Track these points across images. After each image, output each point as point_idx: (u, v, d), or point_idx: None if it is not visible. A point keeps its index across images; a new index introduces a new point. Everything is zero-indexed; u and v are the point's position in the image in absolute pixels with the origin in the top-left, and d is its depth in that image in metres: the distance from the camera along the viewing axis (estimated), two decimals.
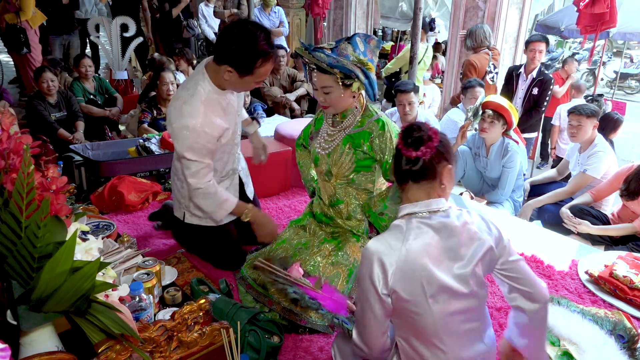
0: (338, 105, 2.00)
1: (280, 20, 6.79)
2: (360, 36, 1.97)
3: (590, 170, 3.09)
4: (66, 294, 0.97)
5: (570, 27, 7.74)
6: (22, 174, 0.99)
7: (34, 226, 0.97)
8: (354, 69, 1.89)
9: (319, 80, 1.95)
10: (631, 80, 10.25)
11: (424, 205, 1.31)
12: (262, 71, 1.94)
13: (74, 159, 3.30)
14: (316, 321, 1.93)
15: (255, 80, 1.98)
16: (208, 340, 1.30)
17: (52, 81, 4.09)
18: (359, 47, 1.94)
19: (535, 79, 4.14)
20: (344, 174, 2.10)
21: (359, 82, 1.92)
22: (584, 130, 3.14)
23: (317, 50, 1.89)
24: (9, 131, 1.17)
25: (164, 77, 4.03)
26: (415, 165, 1.29)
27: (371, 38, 1.99)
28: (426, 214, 1.31)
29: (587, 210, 3.00)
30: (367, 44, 1.97)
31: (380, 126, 2.01)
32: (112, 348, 1.10)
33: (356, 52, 1.91)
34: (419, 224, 1.30)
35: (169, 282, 1.94)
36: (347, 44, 1.92)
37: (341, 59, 1.88)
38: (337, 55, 1.89)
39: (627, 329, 1.88)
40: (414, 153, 1.27)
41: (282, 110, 5.27)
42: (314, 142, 2.20)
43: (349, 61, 1.88)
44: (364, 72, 1.91)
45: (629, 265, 2.27)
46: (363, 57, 1.92)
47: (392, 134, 2.01)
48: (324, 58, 1.87)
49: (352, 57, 1.89)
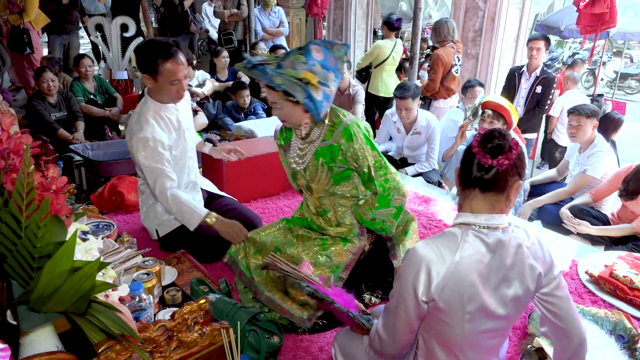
0: (292, 120, 1.94)
1: (280, 20, 6.78)
2: (319, 44, 1.82)
3: (590, 170, 3.09)
4: (66, 294, 0.97)
5: (570, 27, 7.75)
6: (22, 174, 0.99)
7: (34, 226, 0.97)
8: (292, 88, 1.75)
9: (268, 95, 1.89)
10: (631, 80, 10.25)
11: (485, 220, 1.24)
12: (167, 70, 2.13)
13: (74, 159, 3.30)
14: (295, 312, 1.93)
15: (169, 81, 2.15)
16: (208, 340, 1.30)
17: (52, 81, 4.10)
18: (314, 55, 1.78)
19: (539, 77, 4.17)
20: (324, 188, 2.05)
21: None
22: (583, 130, 3.14)
23: (256, 67, 1.78)
24: (9, 131, 1.17)
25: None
26: (488, 174, 1.21)
27: (334, 44, 1.84)
28: (484, 230, 1.24)
29: (586, 211, 3.00)
30: (329, 50, 1.82)
31: (347, 137, 1.91)
32: (112, 348, 1.10)
33: (309, 64, 1.76)
34: (475, 237, 1.23)
35: (169, 282, 1.94)
36: (297, 55, 1.78)
37: (281, 77, 1.74)
38: (280, 70, 1.75)
39: (627, 329, 1.88)
40: (490, 161, 1.19)
41: None
42: (287, 156, 2.13)
43: (288, 79, 1.74)
44: (304, 90, 1.75)
45: (629, 265, 2.27)
46: (320, 70, 1.77)
47: (363, 140, 1.92)
48: (261, 76, 1.77)
49: (298, 70, 1.74)
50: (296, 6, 8.28)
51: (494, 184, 1.22)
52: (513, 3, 4.88)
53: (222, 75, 5.65)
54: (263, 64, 1.79)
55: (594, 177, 3.09)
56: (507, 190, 1.23)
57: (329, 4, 6.54)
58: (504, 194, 1.23)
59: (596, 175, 3.08)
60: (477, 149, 1.22)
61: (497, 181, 1.21)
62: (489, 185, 1.22)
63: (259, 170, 2.69)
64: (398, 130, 3.91)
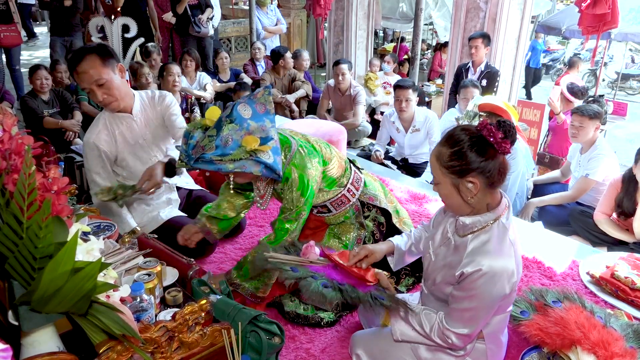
0: (257, 184, 1.97)
1: (277, 18, 6.83)
2: (242, 101, 1.77)
3: (592, 174, 3.08)
4: (67, 295, 0.97)
5: (571, 27, 7.74)
6: (24, 175, 0.99)
7: (36, 227, 0.97)
8: (245, 167, 1.70)
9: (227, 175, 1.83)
10: (632, 81, 10.23)
11: (502, 207, 1.44)
12: (77, 79, 2.20)
13: (75, 160, 3.30)
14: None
15: (79, 82, 2.20)
16: (209, 340, 1.30)
17: (46, 79, 4.23)
18: (243, 116, 1.72)
19: (483, 72, 4.54)
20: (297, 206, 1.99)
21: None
22: (585, 131, 3.13)
23: (197, 162, 1.71)
24: (10, 132, 1.17)
25: (170, 68, 4.07)
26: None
27: (254, 94, 1.81)
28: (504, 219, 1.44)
29: (588, 213, 3.00)
30: (253, 101, 1.78)
31: (286, 175, 1.90)
32: (113, 349, 1.10)
33: (244, 126, 1.70)
34: (503, 226, 1.42)
35: (170, 282, 1.94)
36: (228, 125, 1.69)
37: (228, 156, 1.68)
38: (223, 149, 1.67)
39: None
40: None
41: (282, 111, 5.28)
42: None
43: (238, 156, 1.68)
44: (255, 161, 1.71)
45: (630, 266, 2.26)
46: (256, 125, 1.73)
47: (297, 184, 1.91)
48: (208, 167, 1.71)
49: (241, 142, 1.69)
50: (297, 7, 8.29)
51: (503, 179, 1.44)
52: (514, 4, 4.87)
53: (223, 76, 5.65)
54: (203, 154, 1.69)
55: (596, 181, 3.08)
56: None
57: (331, 4, 6.53)
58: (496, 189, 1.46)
59: (598, 178, 3.07)
60: (498, 139, 1.36)
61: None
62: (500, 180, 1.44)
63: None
64: (397, 130, 3.92)
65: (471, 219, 1.42)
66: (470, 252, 1.40)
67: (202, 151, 1.69)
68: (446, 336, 1.43)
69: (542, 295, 1.87)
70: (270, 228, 2.73)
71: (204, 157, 1.68)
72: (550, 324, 1.64)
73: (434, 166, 1.42)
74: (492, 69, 4.60)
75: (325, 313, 2.04)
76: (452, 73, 5.38)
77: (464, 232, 1.45)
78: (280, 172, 1.81)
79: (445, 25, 8.22)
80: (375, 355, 1.64)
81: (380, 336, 1.67)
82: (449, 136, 1.40)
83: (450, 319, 1.43)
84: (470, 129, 1.38)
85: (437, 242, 1.57)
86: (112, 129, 2.33)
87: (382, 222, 2.21)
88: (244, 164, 1.70)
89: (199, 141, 1.73)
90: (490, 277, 1.34)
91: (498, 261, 1.35)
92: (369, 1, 6.65)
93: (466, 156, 1.34)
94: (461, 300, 1.40)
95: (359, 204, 2.16)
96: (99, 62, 2.13)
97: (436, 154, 1.40)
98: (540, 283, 2.33)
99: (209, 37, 6.27)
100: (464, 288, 1.38)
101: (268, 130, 1.76)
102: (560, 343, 1.60)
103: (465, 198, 1.38)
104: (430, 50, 9.74)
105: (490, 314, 1.43)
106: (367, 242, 2.15)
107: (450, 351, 1.53)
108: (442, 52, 8.13)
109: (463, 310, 1.40)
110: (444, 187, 1.41)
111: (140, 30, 5.00)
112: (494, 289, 1.34)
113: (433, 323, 1.46)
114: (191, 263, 1.81)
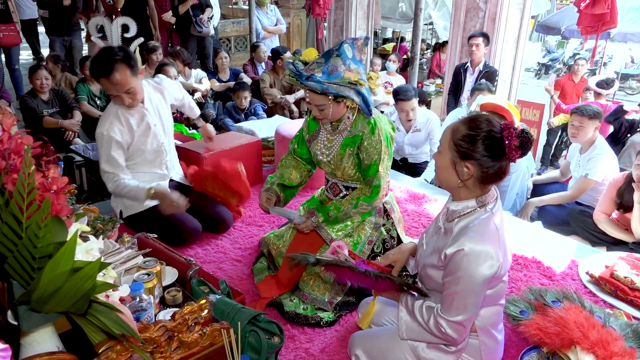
0: (333, 117, 2.04)
1: (277, 18, 6.83)
2: (348, 42, 1.98)
3: (592, 174, 3.08)
4: (67, 294, 0.97)
5: (570, 27, 7.75)
6: (23, 175, 0.99)
7: (35, 226, 0.97)
8: (347, 92, 1.91)
9: (312, 99, 1.98)
10: (632, 81, 10.25)
11: (491, 196, 1.48)
12: (107, 86, 2.29)
13: (75, 160, 3.31)
14: (317, 295, 2.09)
15: (113, 94, 2.31)
16: (209, 340, 1.30)
17: (46, 79, 4.19)
18: (347, 54, 1.94)
19: (482, 71, 4.51)
20: (349, 174, 2.14)
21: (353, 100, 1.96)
22: (585, 131, 3.13)
23: (309, 80, 1.91)
24: (9, 131, 1.17)
25: (167, 70, 4.08)
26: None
27: (357, 39, 2.02)
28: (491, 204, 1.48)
29: (588, 213, 3.00)
30: (355, 45, 1.98)
31: (370, 129, 2.03)
32: (112, 348, 1.10)
33: (347, 63, 1.92)
34: (490, 212, 1.45)
35: (170, 282, 1.94)
36: (336, 57, 1.93)
37: (333, 82, 1.90)
38: (328, 76, 1.90)
39: None
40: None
41: (282, 111, 5.28)
42: (313, 146, 2.21)
43: (340, 83, 1.90)
44: (357, 91, 1.94)
45: (629, 266, 2.27)
46: (355, 66, 1.94)
47: (382, 137, 2.04)
48: (316, 86, 1.89)
49: (344, 75, 1.91)
50: (297, 6, 8.28)
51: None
52: (514, 4, 4.87)
53: (223, 76, 5.64)
54: (312, 73, 1.92)
55: (595, 181, 3.09)
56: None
57: (331, 4, 6.53)
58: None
59: (597, 178, 3.07)
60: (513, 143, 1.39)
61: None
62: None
63: (237, 161, 2.76)
64: (398, 129, 3.93)
65: (460, 205, 1.48)
66: (455, 234, 1.44)
67: (312, 72, 1.92)
68: (440, 325, 1.45)
69: (541, 295, 1.87)
70: (270, 228, 2.74)
71: (314, 77, 1.90)
72: (549, 323, 1.64)
73: (445, 136, 1.46)
74: (491, 69, 4.60)
75: (324, 313, 2.05)
76: (452, 73, 5.40)
77: (452, 217, 1.50)
78: (372, 108, 2.03)
79: (444, 25, 8.23)
80: (374, 355, 1.64)
81: (380, 336, 1.67)
82: (472, 118, 1.43)
83: (443, 306, 1.47)
84: (493, 122, 1.40)
85: (430, 232, 1.63)
86: (126, 118, 2.41)
87: (395, 236, 2.26)
88: (346, 89, 1.91)
89: (310, 67, 1.96)
90: (472, 258, 1.36)
91: (479, 243, 1.38)
92: (368, 1, 6.65)
93: (476, 144, 1.38)
94: (449, 285, 1.43)
95: (382, 207, 2.23)
96: (129, 72, 2.28)
97: (454, 127, 1.45)
98: (540, 283, 2.33)
99: (210, 36, 6.27)
100: (450, 272, 1.42)
101: (362, 74, 1.98)
102: (560, 343, 1.60)
103: (458, 177, 1.44)
104: (429, 50, 9.74)
105: (478, 300, 1.43)
106: (376, 247, 2.20)
107: (447, 347, 1.53)
108: (440, 52, 8.12)
109: (452, 295, 1.42)
110: (443, 158, 1.46)
111: (139, 30, 4.99)
112: (477, 270, 1.36)
113: (431, 313, 1.49)
114: (191, 263, 1.81)
